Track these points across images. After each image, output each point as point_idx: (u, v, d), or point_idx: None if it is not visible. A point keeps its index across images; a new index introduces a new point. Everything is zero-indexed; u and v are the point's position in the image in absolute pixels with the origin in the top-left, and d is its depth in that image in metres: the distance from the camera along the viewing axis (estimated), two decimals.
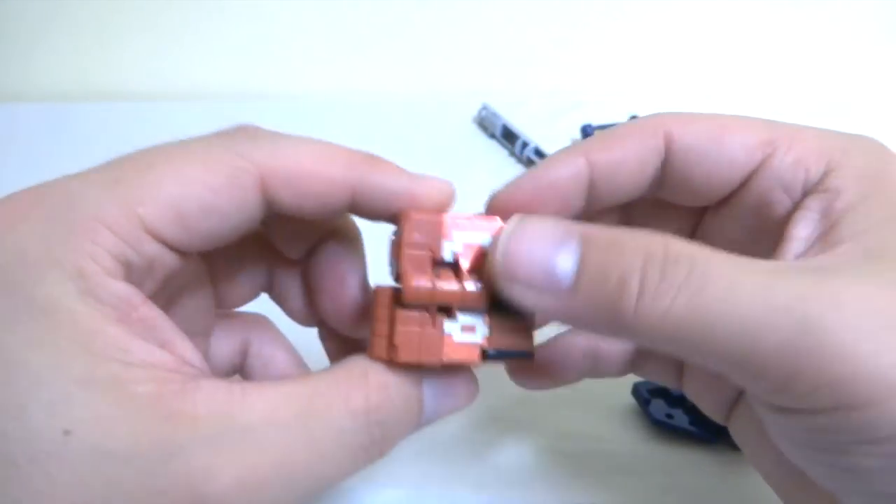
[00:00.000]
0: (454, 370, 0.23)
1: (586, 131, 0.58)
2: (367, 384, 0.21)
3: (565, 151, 0.25)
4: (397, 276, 0.23)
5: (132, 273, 0.19)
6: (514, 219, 0.22)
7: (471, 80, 0.72)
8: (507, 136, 0.59)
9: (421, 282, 0.22)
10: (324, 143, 0.23)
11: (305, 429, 0.19)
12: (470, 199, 0.29)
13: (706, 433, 0.32)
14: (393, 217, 0.23)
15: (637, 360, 0.29)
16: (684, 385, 0.28)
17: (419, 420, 0.23)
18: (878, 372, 0.17)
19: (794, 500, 0.25)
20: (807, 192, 0.23)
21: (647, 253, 0.20)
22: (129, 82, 0.74)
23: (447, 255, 0.22)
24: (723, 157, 0.24)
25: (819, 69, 0.69)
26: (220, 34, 0.72)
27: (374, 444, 0.21)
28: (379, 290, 0.23)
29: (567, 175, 0.24)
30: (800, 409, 0.19)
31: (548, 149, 0.56)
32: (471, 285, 0.22)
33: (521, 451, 0.33)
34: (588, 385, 0.36)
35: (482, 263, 0.22)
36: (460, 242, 0.22)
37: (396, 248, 0.23)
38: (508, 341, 0.23)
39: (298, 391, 0.20)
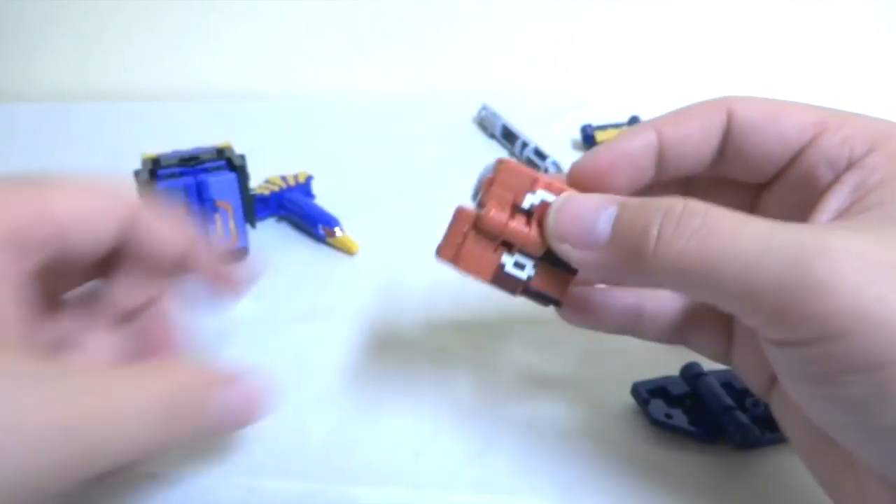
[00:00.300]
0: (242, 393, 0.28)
1: (586, 131, 0.58)
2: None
3: (636, 126, 0.28)
4: (479, 204, 0.28)
5: None
6: (565, 194, 0.26)
7: (471, 80, 0.72)
8: (507, 136, 0.59)
9: (498, 216, 0.27)
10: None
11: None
12: (470, 200, 0.29)
13: (705, 433, 0.32)
14: None
15: (684, 330, 0.31)
16: (732, 358, 0.30)
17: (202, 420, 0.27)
18: (856, 305, 0.20)
19: (823, 473, 0.26)
20: (847, 169, 0.25)
21: (667, 208, 0.23)
22: (129, 82, 0.74)
23: (526, 205, 0.27)
24: (778, 133, 0.26)
25: (819, 69, 0.69)
26: (221, 34, 0.72)
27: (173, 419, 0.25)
28: (462, 210, 0.28)
29: (639, 146, 0.27)
30: (792, 341, 0.21)
31: (548, 149, 0.56)
32: (534, 233, 0.27)
33: (521, 451, 0.33)
34: (588, 385, 0.36)
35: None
36: (539, 198, 0.27)
37: (487, 183, 0.27)
38: (546, 286, 0.28)
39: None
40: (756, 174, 0.28)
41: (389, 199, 0.53)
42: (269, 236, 0.49)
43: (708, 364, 0.34)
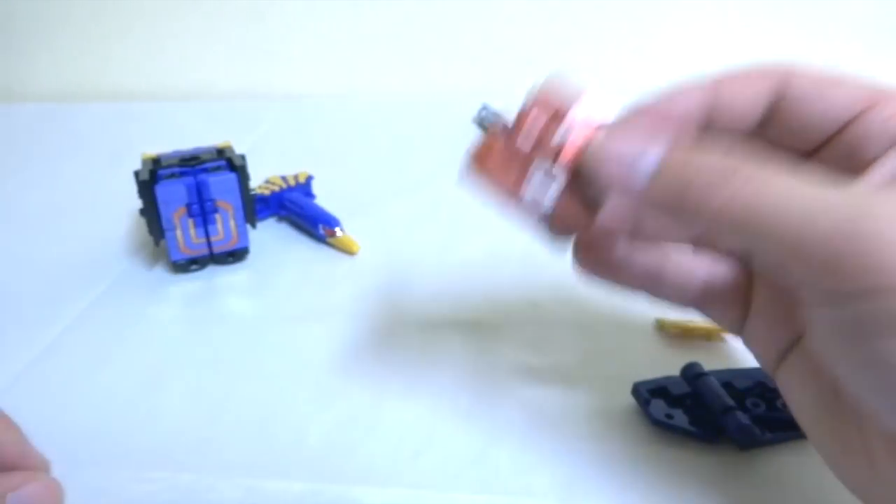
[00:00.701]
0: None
1: None
2: None
3: (689, 83, 0.28)
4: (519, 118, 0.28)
5: None
6: (614, 122, 0.26)
7: (471, 80, 0.72)
8: None
9: (538, 117, 0.27)
10: None
11: None
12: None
13: (706, 433, 0.32)
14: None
15: (702, 297, 0.30)
16: (745, 329, 0.29)
17: None
18: None
19: (832, 451, 0.26)
20: (892, 144, 0.25)
21: (719, 156, 0.24)
22: (129, 82, 0.74)
23: (560, 137, 0.26)
24: (828, 104, 0.27)
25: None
26: (221, 34, 0.72)
27: None
28: (494, 125, 0.28)
29: (691, 109, 0.27)
30: (840, 292, 0.21)
31: None
32: (570, 148, 0.26)
33: (520, 452, 0.33)
34: (588, 385, 0.36)
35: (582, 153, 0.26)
36: (576, 129, 0.26)
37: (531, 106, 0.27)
38: (567, 215, 0.27)
39: None
40: (801, 142, 0.28)
41: (389, 199, 0.53)
42: (270, 236, 0.49)
43: (708, 364, 0.34)
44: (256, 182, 0.50)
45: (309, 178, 0.52)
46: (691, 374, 0.34)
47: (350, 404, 0.35)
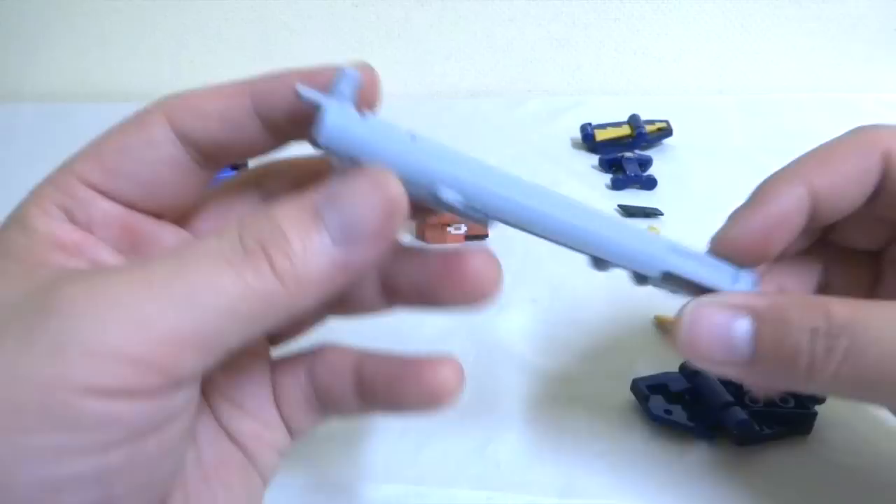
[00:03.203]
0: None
1: (586, 130, 0.58)
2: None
3: (782, 178, 0.26)
4: None
5: (74, 215, 0.23)
6: (692, 303, 0.25)
7: (471, 79, 0.72)
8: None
9: None
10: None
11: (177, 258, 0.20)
12: None
13: (705, 429, 0.32)
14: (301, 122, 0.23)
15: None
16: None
17: (318, 236, 0.20)
18: None
19: None
20: None
21: (811, 329, 0.23)
22: (129, 82, 0.74)
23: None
24: None
25: (819, 69, 0.69)
26: (220, 34, 0.72)
27: (251, 255, 0.19)
28: None
29: (793, 206, 0.25)
30: None
31: (548, 148, 0.56)
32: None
33: (520, 448, 0.33)
34: (588, 381, 0.36)
35: None
36: None
37: None
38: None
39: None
40: None
41: None
42: None
43: None
44: None
45: None
46: (690, 370, 0.34)
47: None
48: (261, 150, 0.24)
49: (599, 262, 0.25)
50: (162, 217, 0.25)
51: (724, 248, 0.26)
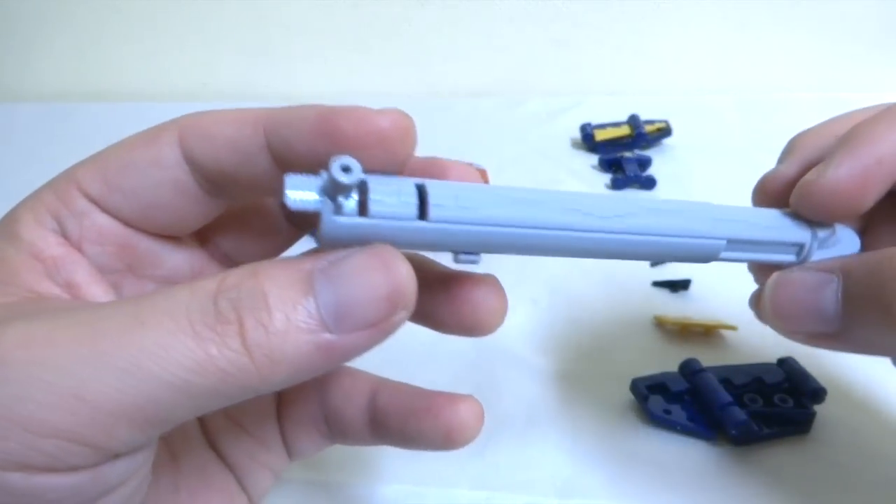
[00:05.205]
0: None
1: (586, 130, 0.58)
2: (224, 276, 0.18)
3: (880, 122, 0.23)
4: None
5: (66, 226, 0.22)
6: (775, 274, 0.23)
7: (471, 79, 0.72)
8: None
9: None
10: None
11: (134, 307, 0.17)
12: None
13: (704, 429, 0.32)
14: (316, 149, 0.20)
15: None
16: None
17: (308, 307, 0.17)
18: None
19: None
20: None
21: None
22: (129, 82, 0.74)
23: None
24: None
25: (819, 68, 0.69)
26: (221, 34, 0.72)
27: (221, 322, 0.17)
28: None
29: (892, 151, 0.23)
30: None
31: (548, 148, 0.56)
32: None
33: (520, 448, 0.33)
34: (587, 381, 0.36)
35: None
36: None
37: None
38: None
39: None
40: None
41: None
42: None
43: (706, 360, 0.34)
44: None
45: None
46: (689, 370, 0.34)
47: None
48: (270, 187, 0.21)
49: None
50: (172, 236, 0.23)
51: (821, 190, 0.23)
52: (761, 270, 0.27)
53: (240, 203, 0.24)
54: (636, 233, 0.21)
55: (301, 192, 0.18)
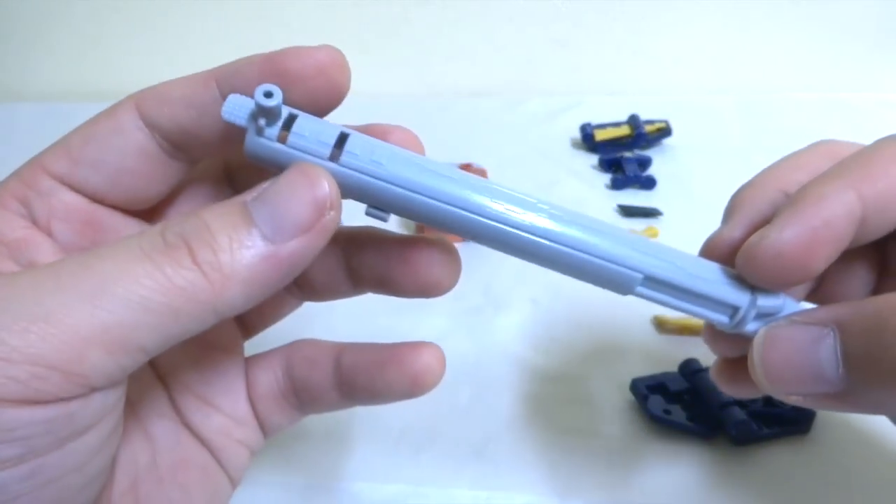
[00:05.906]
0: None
1: (585, 130, 0.58)
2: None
3: (828, 183, 0.22)
4: None
5: (34, 207, 0.22)
6: (762, 330, 0.22)
7: (471, 80, 0.72)
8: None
9: None
10: None
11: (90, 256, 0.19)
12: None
13: (704, 429, 0.32)
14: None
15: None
16: None
17: (249, 232, 0.19)
18: None
19: None
20: None
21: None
22: (129, 82, 0.74)
23: None
24: None
25: (819, 68, 0.69)
26: (220, 34, 0.72)
27: (171, 248, 0.18)
28: None
29: (841, 214, 0.21)
30: None
31: (548, 148, 0.56)
32: None
33: (520, 448, 0.33)
34: (587, 381, 0.36)
35: None
36: None
37: None
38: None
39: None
40: None
41: None
42: None
43: (706, 360, 0.34)
44: None
45: None
46: (689, 370, 0.34)
47: None
48: (230, 139, 0.22)
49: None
50: (130, 212, 0.24)
51: (766, 252, 0.22)
52: (715, 338, 0.25)
53: (202, 163, 0.25)
54: (543, 237, 0.21)
55: (235, 111, 0.21)
